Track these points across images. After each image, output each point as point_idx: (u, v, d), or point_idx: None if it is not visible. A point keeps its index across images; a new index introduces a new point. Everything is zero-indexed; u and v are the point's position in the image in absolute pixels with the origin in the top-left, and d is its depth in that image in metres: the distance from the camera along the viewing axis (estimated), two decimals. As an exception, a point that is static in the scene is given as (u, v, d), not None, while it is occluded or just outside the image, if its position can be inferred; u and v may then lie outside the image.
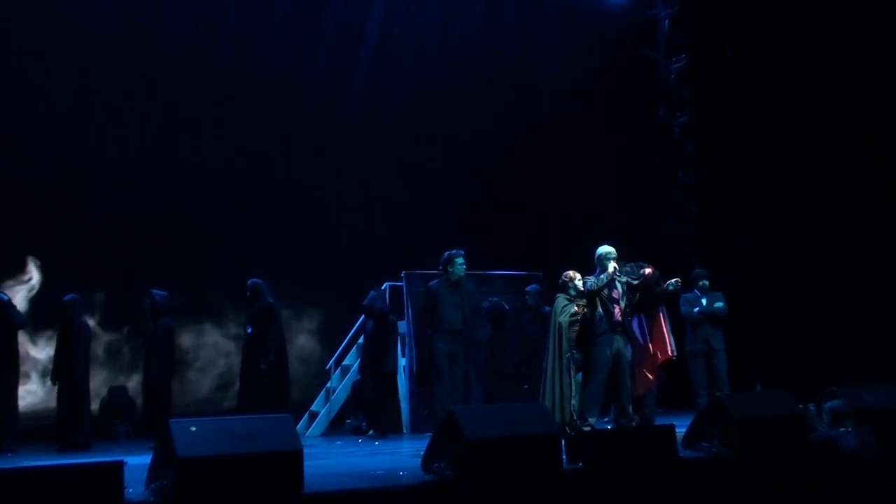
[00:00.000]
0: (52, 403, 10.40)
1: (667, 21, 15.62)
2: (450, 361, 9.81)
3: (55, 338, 10.74)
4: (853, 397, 8.06)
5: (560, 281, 9.81)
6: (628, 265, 9.61)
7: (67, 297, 10.59)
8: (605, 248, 9.44)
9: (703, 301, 11.57)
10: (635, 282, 9.50)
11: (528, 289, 11.79)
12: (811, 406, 8.33)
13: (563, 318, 9.50)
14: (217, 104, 13.77)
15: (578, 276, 9.56)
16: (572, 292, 9.61)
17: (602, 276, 9.28)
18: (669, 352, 9.65)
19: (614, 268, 9.28)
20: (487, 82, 15.20)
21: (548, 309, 11.20)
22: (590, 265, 9.54)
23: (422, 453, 6.59)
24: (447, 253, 10.22)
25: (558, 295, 9.75)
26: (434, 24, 15.41)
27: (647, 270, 9.52)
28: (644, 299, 9.66)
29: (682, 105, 15.45)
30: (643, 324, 9.74)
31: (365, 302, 11.14)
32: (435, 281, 10.42)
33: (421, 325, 10.53)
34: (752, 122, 13.75)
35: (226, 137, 13.80)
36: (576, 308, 9.48)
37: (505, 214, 14.74)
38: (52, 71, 12.84)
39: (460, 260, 10.12)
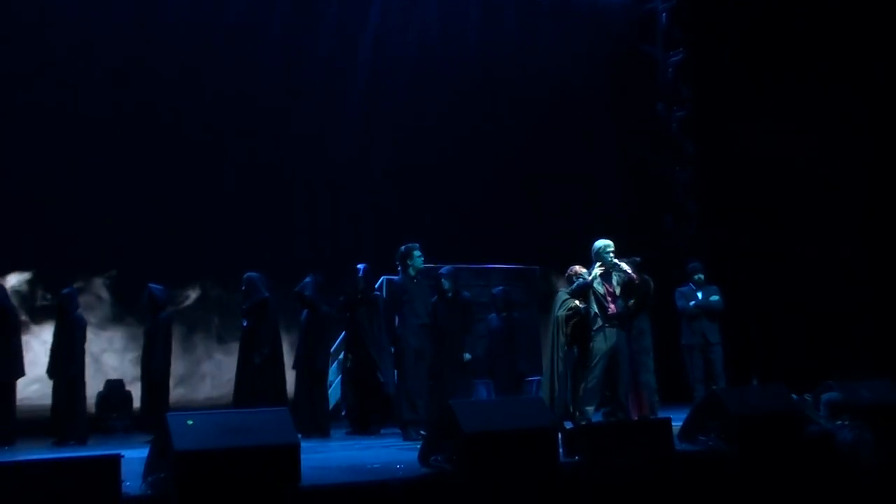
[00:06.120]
0: (49, 397, 10.39)
1: (664, 15, 15.62)
2: (417, 357, 9.72)
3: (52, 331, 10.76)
4: (850, 392, 8.06)
5: (566, 274, 9.83)
6: (625, 260, 9.59)
7: (64, 291, 10.61)
8: (602, 242, 9.40)
9: (699, 295, 11.58)
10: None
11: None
12: (807, 397, 8.34)
13: (561, 313, 9.52)
14: (216, 101, 13.81)
15: (585, 271, 9.56)
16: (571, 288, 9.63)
17: (591, 271, 9.29)
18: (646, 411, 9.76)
19: (601, 270, 9.25)
20: (486, 78, 15.22)
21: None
22: (588, 259, 9.53)
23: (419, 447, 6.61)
24: (404, 247, 9.96)
25: (561, 289, 9.77)
26: (432, 21, 15.45)
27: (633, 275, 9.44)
28: (636, 303, 9.62)
29: (680, 100, 15.46)
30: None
31: (296, 287, 10.59)
32: (397, 277, 10.16)
33: (390, 323, 10.13)
34: (750, 116, 13.74)
35: (225, 135, 13.86)
36: (575, 303, 9.50)
37: (504, 209, 14.76)
38: (50, 68, 12.91)
39: (418, 252, 9.97)
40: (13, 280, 12.06)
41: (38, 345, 11.87)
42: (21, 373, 10.22)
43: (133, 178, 13.06)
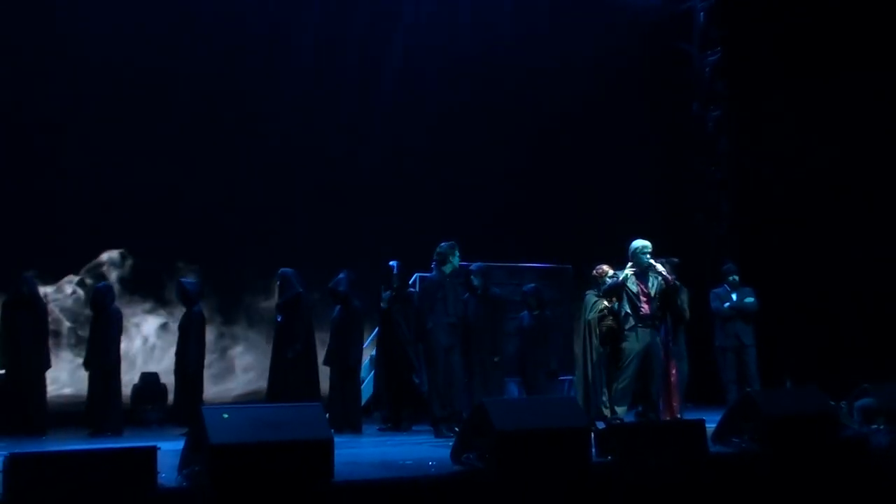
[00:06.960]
0: (84, 388, 10.54)
1: (702, 14, 15.50)
2: (447, 355, 9.71)
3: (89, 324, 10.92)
4: (885, 395, 7.99)
5: (592, 275, 9.77)
6: (662, 261, 9.52)
7: (100, 285, 10.79)
8: (639, 243, 9.29)
9: (734, 296, 11.50)
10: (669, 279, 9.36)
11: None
12: (842, 404, 8.28)
13: (593, 315, 9.49)
14: (250, 104, 14.06)
15: (611, 271, 9.50)
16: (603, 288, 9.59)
17: (619, 273, 9.23)
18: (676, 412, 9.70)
19: (625, 275, 9.18)
20: (520, 74, 15.20)
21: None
22: (620, 258, 9.48)
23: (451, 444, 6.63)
24: (447, 244, 9.89)
25: (588, 291, 9.72)
26: (466, 18, 15.42)
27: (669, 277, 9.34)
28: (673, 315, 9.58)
29: (715, 100, 15.34)
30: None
31: (330, 283, 10.61)
32: (433, 274, 10.06)
33: (421, 319, 9.94)
34: (785, 117, 13.60)
35: (258, 134, 14.06)
36: (605, 304, 9.47)
37: (536, 207, 14.74)
38: (85, 72, 13.23)
39: (457, 251, 10.03)
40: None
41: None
42: (47, 365, 10.40)
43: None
